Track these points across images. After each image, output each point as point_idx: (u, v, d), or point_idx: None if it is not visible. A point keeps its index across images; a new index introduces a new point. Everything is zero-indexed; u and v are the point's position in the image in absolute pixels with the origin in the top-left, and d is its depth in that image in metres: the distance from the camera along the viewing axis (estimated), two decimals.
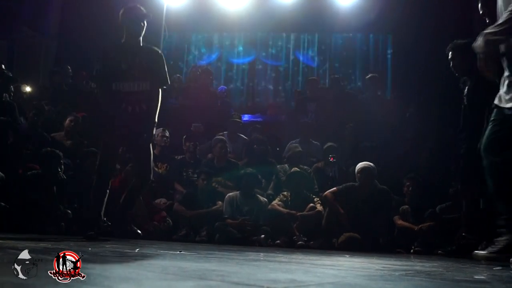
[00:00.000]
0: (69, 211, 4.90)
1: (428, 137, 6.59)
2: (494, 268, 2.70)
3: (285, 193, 5.34)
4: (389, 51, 9.42)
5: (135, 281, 1.38)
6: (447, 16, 7.89)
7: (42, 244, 2.77)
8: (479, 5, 3.44)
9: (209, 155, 6.45)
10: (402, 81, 8.64)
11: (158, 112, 3.99)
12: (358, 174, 5.21)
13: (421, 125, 6.80)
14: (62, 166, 5.03)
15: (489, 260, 2.97)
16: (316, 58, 9.89)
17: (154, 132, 4.15)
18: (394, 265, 2.71)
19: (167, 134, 6.22)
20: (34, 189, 4.83)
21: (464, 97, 4.19)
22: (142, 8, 3.99)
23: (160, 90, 3.98)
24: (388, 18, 8.14)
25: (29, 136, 5.71)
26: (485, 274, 2.25)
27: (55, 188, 4.91)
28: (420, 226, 5.02)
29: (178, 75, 8.33)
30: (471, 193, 4.09)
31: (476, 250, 4.32)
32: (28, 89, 7.44)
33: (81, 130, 6.31)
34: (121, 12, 4.02)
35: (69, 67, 8.03)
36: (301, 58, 10.01)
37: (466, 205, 4.24)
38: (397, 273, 2.04)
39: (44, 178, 4.91)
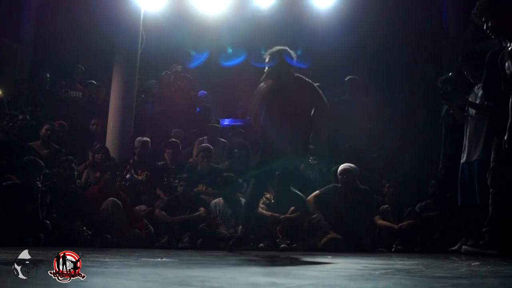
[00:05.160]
0: (48, 222, 4.81)
1: (407, 138, 6.68)
2: (472, 264, 2.75)
3: (268, 195, 5.35)
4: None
5: None
6: (421, 18, 8.04)
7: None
8: (484, 18, 3.42)
9: (191, 160, 6.43)
10: (380, 83, 8.74)
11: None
12: (340, 176, 5.25)
13: (399, 126, 6.90)
14: (41, 176, 4.93)
15: None
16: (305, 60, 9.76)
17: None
18: (375, 264, 2.73)
19: (142, 141, 6.20)
20: (12, 200, 4.73)
21: None
22: None
23: None
24: (364, 21, 8.23)
25: (5, 145, 5.59)
26: (464, 270, 2.29)
27: (39, 197, 4.80)
28: (400, 224, 5.09)
29: (154, 80, 8.27)
30: None
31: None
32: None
33: (58, 139, 6.22)
34: None
35: (48, 75, 7.90)
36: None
37: None
38: (377, 272, 2.06)
39: (22, 187, 4.81)
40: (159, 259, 2.86)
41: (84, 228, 4.92)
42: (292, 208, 5.22)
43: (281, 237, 5.04)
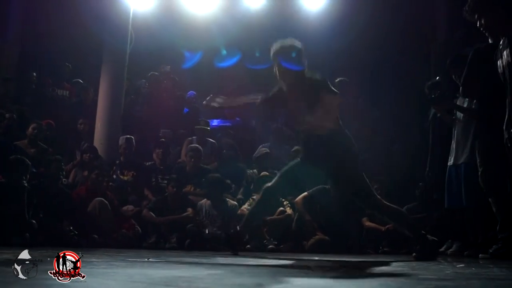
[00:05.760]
0: (34, 221, 4.75)
1: (395, 141, 6.73)
2: (457, 266, 2.78)
3: (254, 197, 5.35)
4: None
5: None
6: (410, 20, 8.10)
7: (5, 256, 2.69)
8: (476, 16, 3.31)
9: (179, 160, 6.40)
10: (369, 85, 8.79)
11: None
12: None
13: (388, 129, 6.94)
14: (28, 175, 4.88)
15: None
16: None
17: None
18: (361, 265, 2.75)
19: (126, 138, 6.17)
20: None
21: None
22: None
23: None
24: (354, 23, 8.28)
25: None
26: (449, 272, 2.31)
27: (26, 197, 4.74)
28: (387, 226, 5.12)
29: (143, 80, 8.23)
30: None
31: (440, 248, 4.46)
32: None
33: (45, 138, 6.16)
34: None
35: (34, 74, 7.82)
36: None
37: None
38: (363, 273, 2.08)
39: (8, 187, 4.75)
40: (146, 260, 2.85)
41: (71, 228, 4.88)
42: (280, 209, 5.23)
43: (269, 238, 5.04)
